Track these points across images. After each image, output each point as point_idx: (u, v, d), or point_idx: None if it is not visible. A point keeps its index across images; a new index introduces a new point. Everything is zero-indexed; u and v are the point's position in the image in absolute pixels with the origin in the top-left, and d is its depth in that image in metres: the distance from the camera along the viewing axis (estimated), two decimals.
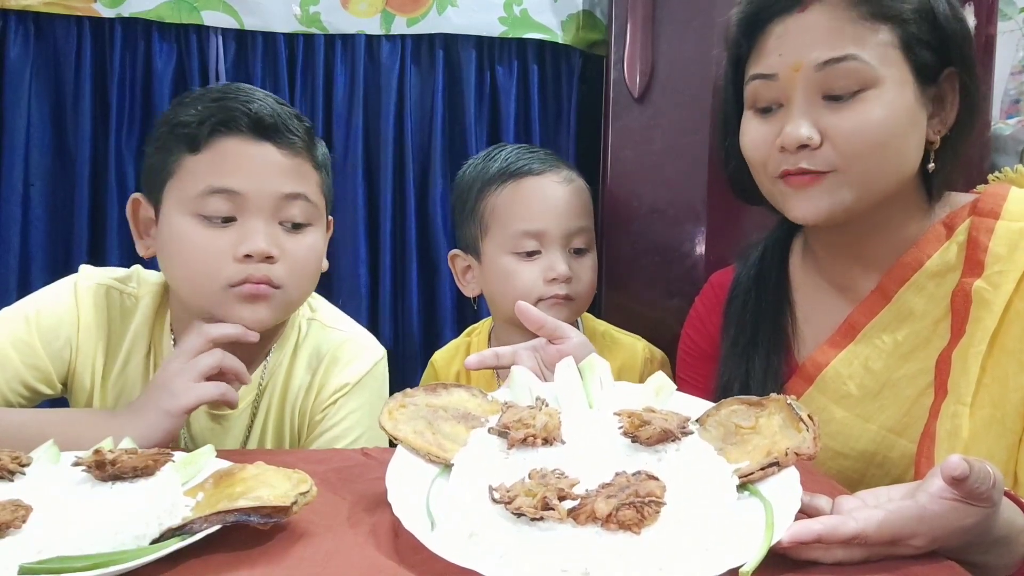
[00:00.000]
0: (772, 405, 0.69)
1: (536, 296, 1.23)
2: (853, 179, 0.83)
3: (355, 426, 1.07)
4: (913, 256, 0.89)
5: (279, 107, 0.99)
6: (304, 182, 1.01)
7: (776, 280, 1.01)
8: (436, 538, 0.56)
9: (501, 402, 0.74)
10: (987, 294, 0.81)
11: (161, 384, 0.90)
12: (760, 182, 0.93)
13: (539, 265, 1.24)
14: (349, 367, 1.09)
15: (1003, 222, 0.84)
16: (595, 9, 1.72)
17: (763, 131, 0.89)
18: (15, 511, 0.57)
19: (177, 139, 0.97)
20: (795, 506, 0.58)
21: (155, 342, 1.06)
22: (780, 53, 0.85)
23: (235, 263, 0.95)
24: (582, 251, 1.27)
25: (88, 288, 1.04)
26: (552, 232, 1.23)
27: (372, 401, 1.09)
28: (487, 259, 1.28)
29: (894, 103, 0.82)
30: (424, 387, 0.76)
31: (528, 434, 0.66)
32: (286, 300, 1.00)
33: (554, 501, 0.55)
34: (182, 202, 0.96)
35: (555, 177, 1.26)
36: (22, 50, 1.52)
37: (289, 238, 0.99)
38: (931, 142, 0.87)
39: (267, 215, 0.97)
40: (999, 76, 1.57)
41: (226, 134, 0.96)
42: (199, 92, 1.02)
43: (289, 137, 0.98)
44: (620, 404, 0.70)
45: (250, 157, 0.96)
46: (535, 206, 1.24)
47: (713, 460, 0.64)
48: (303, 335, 1.10)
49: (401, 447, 0.68)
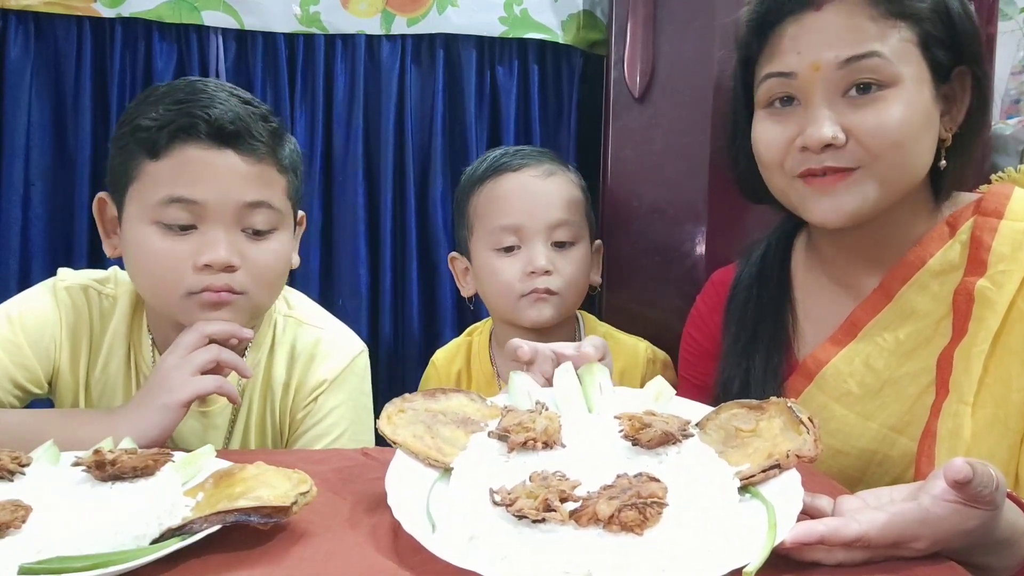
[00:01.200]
0: (772, 408, 0.69)
1: (517, 292, 1.23)
2: (878, 177, 0.83)
3: (339, 422, 1.08)
4: (916, 255, 0.89)
5: (243, 109, 0.96)
6: (267, 189, 0.98)
7: (778, 277, 1.01)
8: (437, 540, 0.56)
9: (500, 407, 0.74)
10: (990, 293, 0.81)
11: (158, 380, 0.90)
12: (773, 183, 0.92)
13: (519, 260, 1.23)
14: (327, 363, 1.09)
15: (1007, 222, 0.84)
16: (595, 9, 1.72)
17: (778, 131, 0.88)
18: (15, 511, 0.57)
19: (137, 143, 0.94)
20: (797, 507, 0.58)
21: (134, 342, 1.06)
22: (798, 51, 0.85)
23: (195, 272, 0.94)
24: (565, 244, 1.26)
25: (67, 289, 1.04)
26: (530, 226, 1.23)
27: (354, 397, 1.09)
28: (474, 258, 1.29)
29: (913, 100, 0.82)
30: (423, 392, 0.76)
31: (528, 437, 0.65)
32: (249, 305, 0.99)
33: (556, 503, 0.55)
34: (142, 208, 0.95)
35: (533, 172, 1.25)
36: (22, 50, 1.52)
37: (251, 245, 0.97)
38: (943, 140, 0.87)
39: (228, 223, 0.95)
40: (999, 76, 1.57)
41: (186, 141, 0.93)
42: (163, 91, 0.98)
43: (252, 143, 0.96)
44: (620, 409, 0.69)
45: (211, 166, 0.94)
46: (512, 201, 1.24)
47: (714, 462, 0.64)
48: (280, 332, 1.10)
49: (400, 451, 0.68)
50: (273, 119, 1.01)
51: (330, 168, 1.67)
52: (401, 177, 1.68)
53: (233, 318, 0.97)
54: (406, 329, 1.70)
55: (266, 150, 0.97)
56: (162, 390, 0.89)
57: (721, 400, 0.98)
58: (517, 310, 1.24)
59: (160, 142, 0.93)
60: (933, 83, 0.84)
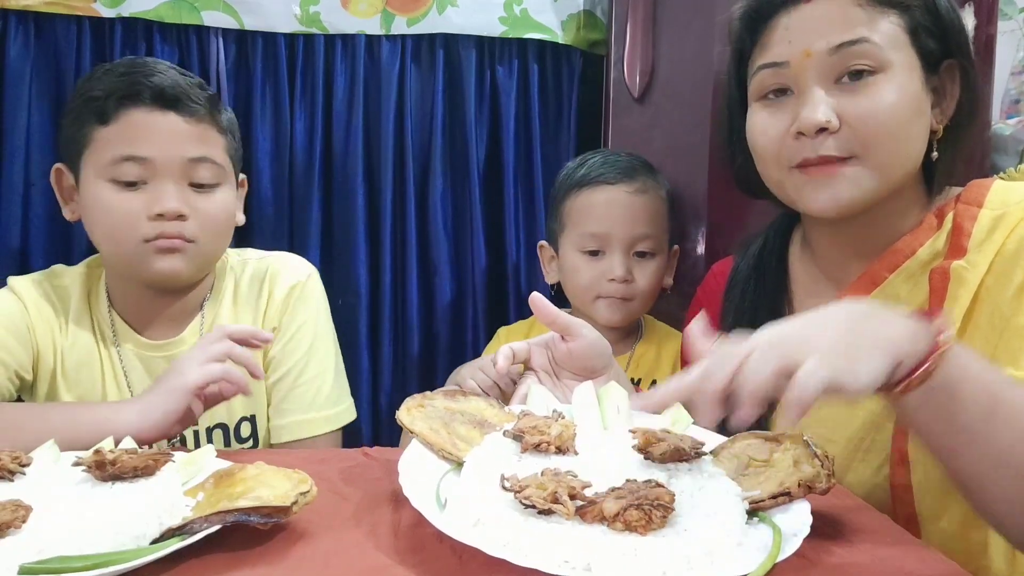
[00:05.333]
0: (788, 441, 0.69)
1: (595, 293, 1.36)
2: (873, 165, 0.84)
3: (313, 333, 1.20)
4: (906, 244, 0.90)
5: (181, 78, 1.08)
6: (208, 146, 1.09)
7: (775, 271, 1.02)
8: (442, 519, 0.57)
9: (517, 413, 0.75)
10: (965, 272, 0.83)
11: (173, 368, 0.94)
12: (768, 174, 0.93)
13: (601, 265, 1.35)
14: (294, 272, 1.22)
15: (986, 210, 0.86)
16: (595, 9, 1.72)
17: (772, 121, 0.89)
18: (15, 511, 0.57)
19: (88, 112, 1.05)
20: (804, 533, 0.58)
21: (94, 310, 1.15)
22: (790, 41, 0.86)
23: (149, 221, 1.05)
24: (645, 255, 1.37)
25: (23, 286, 1.12)
26: (615, 237, 1.35)
27: (319, 308, 1.23)
28: (562, 253, 1.42)
29: (904, 86, 0.84)
30: (443, 391, 0.78)
31: (542, 440, 0.66)
32: (200, 253, 1.09)
33: (564, 497, 0.56)
34: (97, 170, 1.05)
35: (627, 188, 1.36)
36: (22, 50, 1.51)
37: (199, 197, 1.08)
38: (934, 131, 0.88)
39: (176, 177, 1.06)
40: (999, 76, 1.57)
41: (132, 106, 1.04)
42: (107, 67, 1.10)
43: (191, 106, 1.07)
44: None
45: (156, 126, 1.05)
46: (602, 212, 1.36)
47: (724, 482, 0.64)
48: (241, 273, 1.22)
49: (415, 441, 0.70)
50: (208, 89, 1.12)
51: (330, 168, 1.67)
52: (401, 177, 1.68)
53: (186, 265, 1.08)
54: (406, 329, 1.70)
55: (204, 112, 1.08)
56: (173, 375, 0.92)
57: None
58: (592, 308, 1.37)
59: (109, 109, 1.04)
60: (923, 72, 0.85)
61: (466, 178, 1.70)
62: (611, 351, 0.94)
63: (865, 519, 0.71)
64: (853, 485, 0.86)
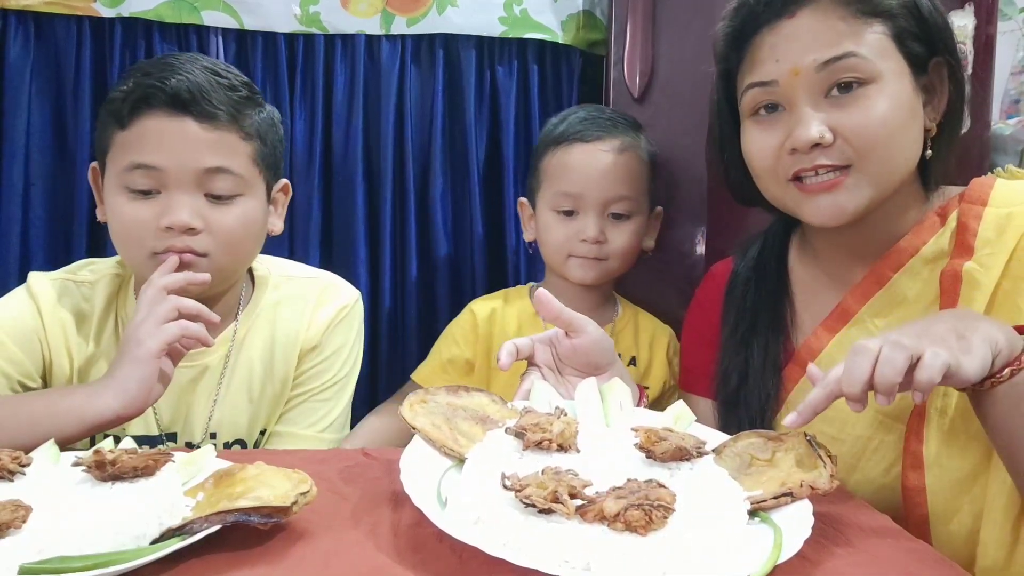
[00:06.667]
0: (790, 440, 0.69)
1: (567, 252, 1.34)
2: (870, 173, 0.85)
3: (346, 358, 1.18)
4: (909, 242, 0.90)
5: (206, 79, 1.00)
6: (227, 155, 1.02)
7: (776, 271, 1.02)
8: (443, 517, 0.57)
9: (520, 410, 0.75)
10: (978, 275, 0.83)
11: (127, 338, 0.92)
12: (766, 188, 0.93)
13: (575, 225, 1.33)
14: (343, 295, 1.21)
15: (990, 208, 0.86)
16: (595, 9, 1.72)
17: (766, 137, 0.89)
18: (15, 511, 0.57)
19: (109, 115, 1.02)
20: (805, 534, 0.58)
21: (120, 311, 1.10)
22: (777, 59, 0.86)
23: (158, 233, 0.99)
24: (621, 216, 1.34)
25: (42, 287, 1.07)
26: (589, 197, 1.32)
27: (359, 334, 1.22)
28: (538, 211, 1.39)
29: (896, 94, 0.84)
30: (446, 387, 0.79)
31: (544, 438, 0.66)
32: (213, 267, 1.02)
33: (564, 496, 0.56)
34: (114, 175, 1.01)
35: (604, 146, 1.33)
36: (22, 50, 1.51)
37: (215, 210, 1.02)
38: (927, 130, 0.88)
39: (190, 188, 1.00)
40: (999, 76, 1.57)
41: (146, 111, 0.99)
42: (137, 65, 1.06)
43: (210, 111, 0.99)
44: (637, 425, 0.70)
45: (168, 133, 0.99)
46: (577, 171, 1.33)
47: (726, 482, 0.64)
48: (286, 289, 1.17)
49: (418, 437, 0.70)
50: (243, 89, 1.04)
51: (330, 168, 1.67)
52: (401, 177, 1.68)
53: None
54: (406, 329, 1.70)
55: (226, 117, 1.01)
56: (132, 345, 0.91)
57: (721, 389, 0.99)
58: (565, 267, 1.36)
59: (124, 113, 0.99)
60: (912, 75, 0.85)
61: (466, 178, 1.70)
62: (614, 347, 0.94)
63: (866, 519, 0.71)
64: (860, 485, 0.86)
